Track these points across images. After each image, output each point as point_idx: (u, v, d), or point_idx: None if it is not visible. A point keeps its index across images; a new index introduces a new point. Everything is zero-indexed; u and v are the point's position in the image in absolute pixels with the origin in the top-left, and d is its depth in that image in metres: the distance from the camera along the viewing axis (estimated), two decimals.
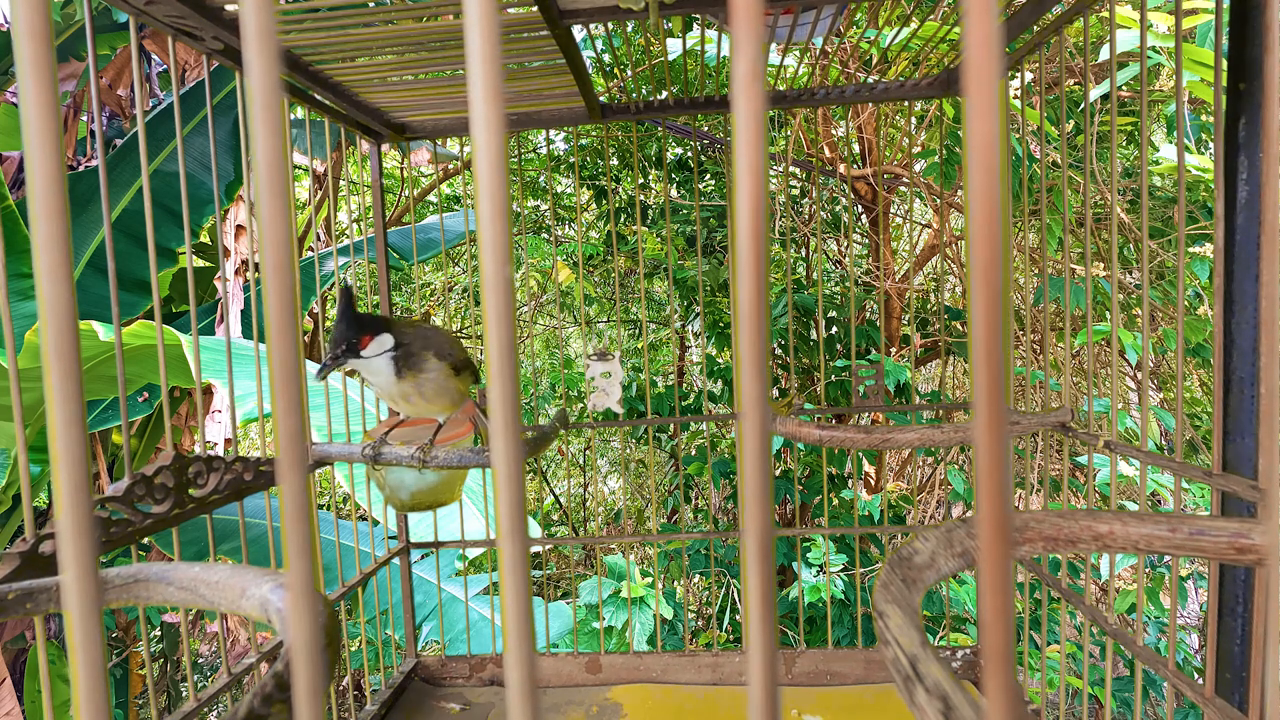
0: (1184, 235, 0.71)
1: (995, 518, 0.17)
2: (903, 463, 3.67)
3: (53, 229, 0.17)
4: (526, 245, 3.23)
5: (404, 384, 0.95)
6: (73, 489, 0.18)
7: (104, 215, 0.72)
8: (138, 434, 2.71)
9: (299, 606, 0.17)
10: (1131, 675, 2.11)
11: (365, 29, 0.91)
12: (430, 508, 1.11)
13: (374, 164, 1.31)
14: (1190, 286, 2.66)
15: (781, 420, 1.03)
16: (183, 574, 0.45)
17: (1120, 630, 0.86)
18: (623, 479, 4.60)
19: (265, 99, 0.16)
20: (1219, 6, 0.69)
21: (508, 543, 0.17)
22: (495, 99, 0.17)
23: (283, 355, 0.17)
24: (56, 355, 0.17)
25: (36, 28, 0.17)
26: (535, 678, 0.17)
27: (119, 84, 2.84)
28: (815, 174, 2.95)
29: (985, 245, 0.16)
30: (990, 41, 0.16)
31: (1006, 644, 0.17)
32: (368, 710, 1.19)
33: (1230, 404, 0.72)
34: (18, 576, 0.62)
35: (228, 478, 0.86)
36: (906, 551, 0.36)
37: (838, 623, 2.43)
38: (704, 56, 1.18)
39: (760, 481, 0.17)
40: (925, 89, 1.22)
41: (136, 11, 0.76)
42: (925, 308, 3.07)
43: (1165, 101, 2.61)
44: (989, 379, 0.17)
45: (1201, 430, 2.75)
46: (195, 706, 0.79)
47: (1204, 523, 0.41)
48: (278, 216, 0.17)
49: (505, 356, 0.17)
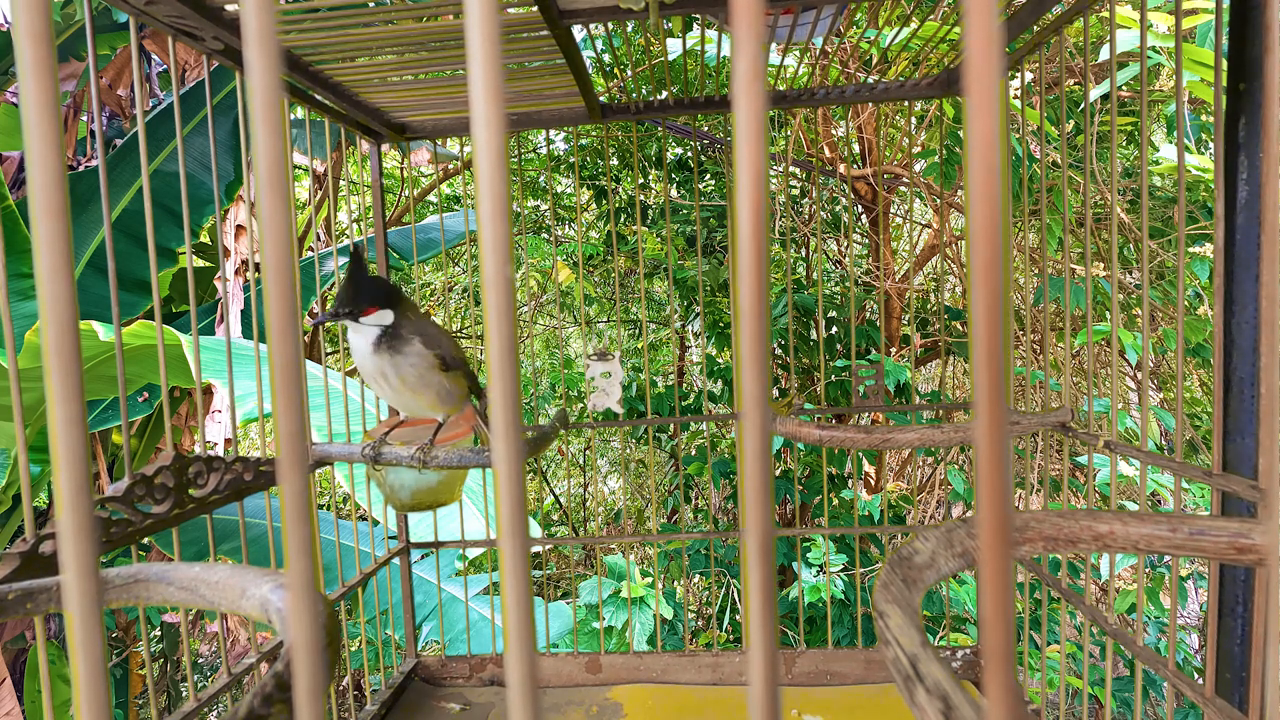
0: (1184, 235, 0.71)
1: (996, 517, 0.17)
2: (903, 463, 3.67)
3: (53, 229, 0.17)
4: (526, 245, 3.23)
5: (379, 359, 0.95)
6: (73, 489, 0.18)
7: (104, 215, 0.72)
8: (138, 434, 2.71)
9: (299, 606, 0.17)
10: (1131, 675, 2.11)
11: (365, 29, 0.91)
12: (430, 508, 1.11)
13: (374, 164, 1.31)
14: (1190, 286, 2.66)
15: (781, 420, 1.03)
16: (183, 574, 0.45)
17: (1120, 630, 0.86)
18: (623, 479, 4.60)
19: (266, 99, 0.16)
20: (1219, 6, 0.69)
21: (508, 542, 0.17)
22: (496, 98, 0.17)
23: (283, 355, 0.17)
24: (57, 355, 0.17)
25: (37, 28, 0.17)
26: (536, 677, 0.17)
27: (119, 84, 2.84)
28: (815, 174, 2.96)
29: (986, 245, 0.16)
30: (991, 41, 0.16)
31: (1007, 643, 0.17)
32: (368, 710, 1.19)
33: (1230, 404, 0.72)
34: (18, 576, 0.62)
35: (228, 478, 0.86)
36: (907, 551, 0.36)
37: (838, 623, 2.43)
38: (704, 56, 1.18)
39: (761, 481, 0.17)
40: (925, 89, 1.22)
41: (136, 11, 0.76)
42: (925, 308, 3.07)
43: (1165, 101, 2.61)
44: (989, 379, 0.17)
45: (1201, 430, 2.75)
46: (195, 706, 0.79)
47: (1204, 523, 0.41)
48: (278, 216, 0.17)
49: (506, 356, 0.17)
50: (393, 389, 0.97)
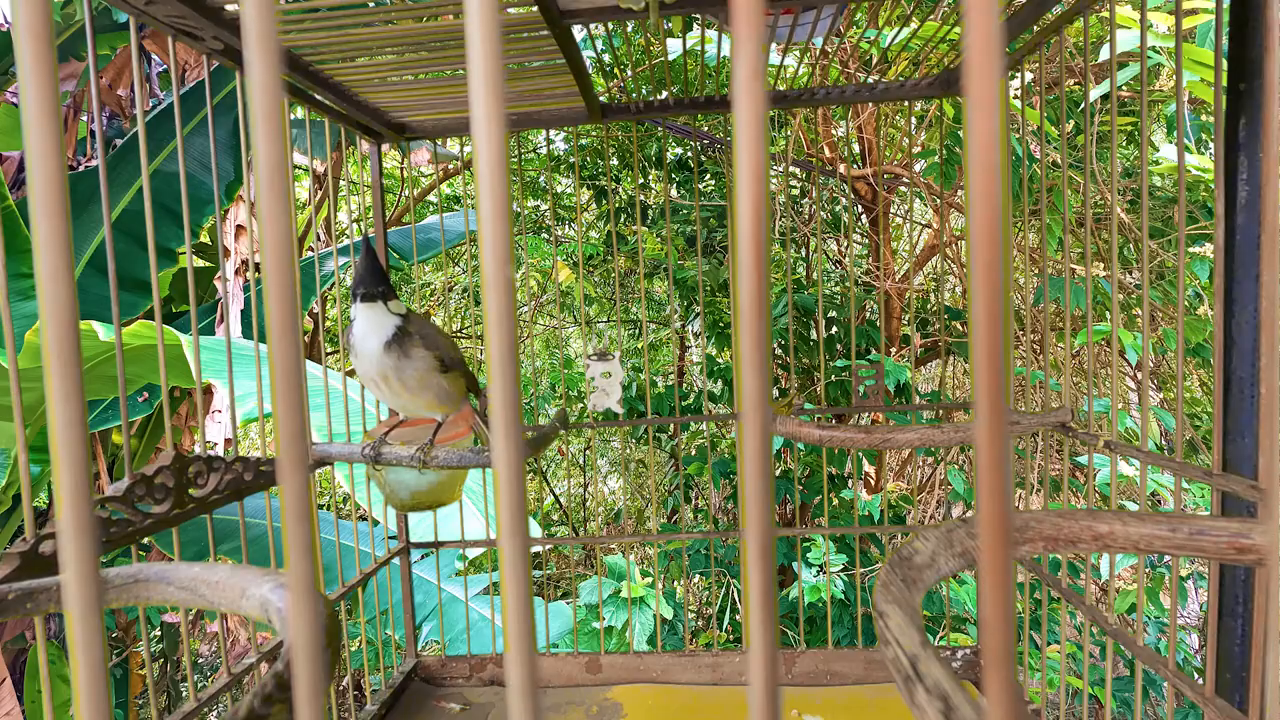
0: (1184, 235, 0.71)
1: (996, 517, 0.17)
2: (903, 463, 3.67)
3: (54, 229, 0.17)
4: (526, 245, 3.23)
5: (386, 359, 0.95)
6: (74, 489, 0.18)
7: (104, 215, 0.72)
8: (138, 434, 2.71)
9: (300, 606, 0.17)
10: (1131, 675, 2.11)
11: (365, 29, 0.91)
12: (430, 508, 1.11)
13: (374, 164, 1.31)
14: (1190, 286, 2.66)
15: (781, 420, 1.03)
16: (183, 574, 0.45)
17: (1120, 630, 0.86)
18: (623, 479, 4.60)
19: (266, 100, 0.16)
20: (1219, 6, 0.69)
21: (509, 542, 0.17)
22: (496, 98, 0.17)
23: (284, 356, 0.17)
24: (58, 354, 0.17)
25: (38, 28, 0.17)
26: (536, 677, 0.17)
27: (119, 84, 2.84)
28: (815, 174, 2.95)
29: (986, 245, 0.16)
30: (991, 40, 0.16)
31: (1007, 643, 0.17)
32: (368, 710, 1.19)
33: (1230, 404, 0.72)
34: (18, 576, 0.62)
35: (228, 478, 0.86)
36: (907, 551, 0.36)
37: (838, 623, 2.43)
38: (704, 56, 1.18)
39: (761, 481, 0.17)
40: (925, 89, 1.22)
41: (136, 11, 0.76)
42: (925, 308, 3.07)
43: (1165, 101, 2.61)
44: (990, 379, 0.17)
45: (1201, 430, 2.75)
46: (195, 706, 0.79)
47: (1204, 522, 0.41)
48: (279, 217, 0.17)
49: (506, 356, 0.17)
50: (393, 391, 0.97)
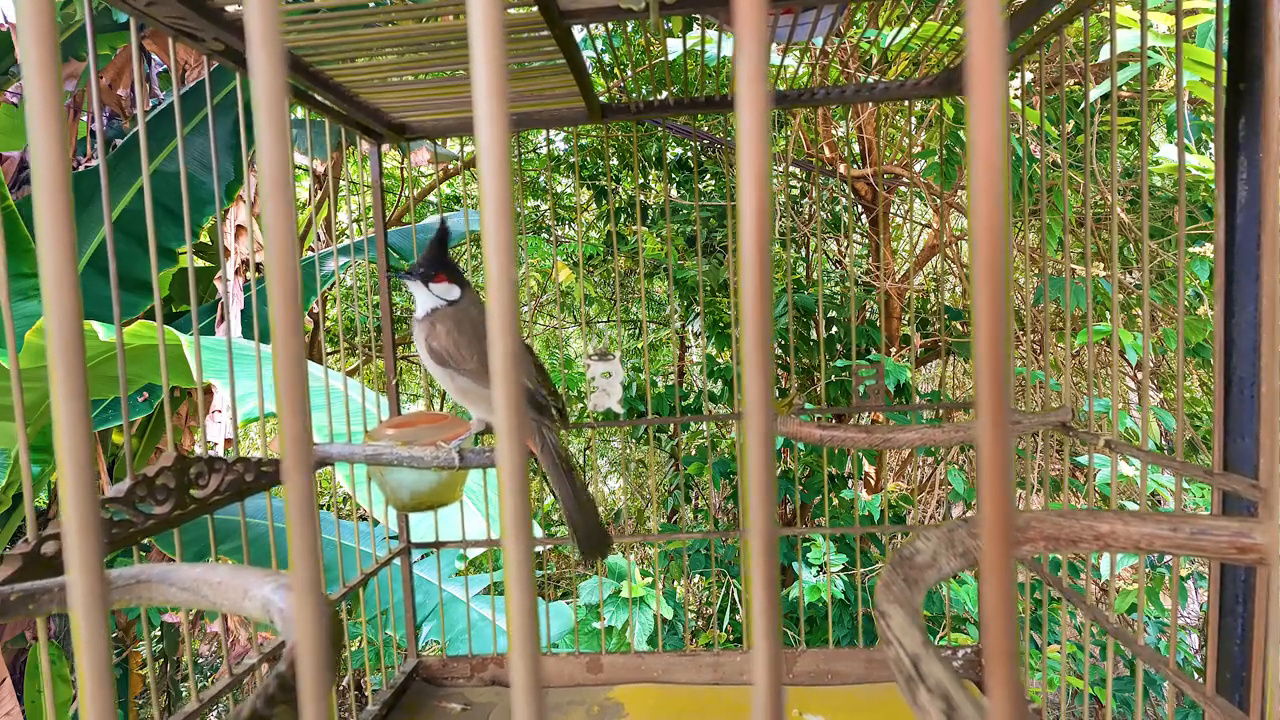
0: (1184, 235, 0.71)
1: (998, 517, 0.17)
2: (903, 463, 3.67)
3: (57, 229, 0.17)
4: (527, 245, 3.23)
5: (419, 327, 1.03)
6: (78, 489, 0.18)
7: (104, 215, 0.72)
8: (138, 434, 2.71)
9: (304, 607, 0.17)
10: (1132, 675, 2.11)
11: (366, 30, 0.91)
12: (431, 508, 1.11)
13: (374, 164, 1.31)
14: (1190, 286, 2.66)
15: (782, 420, 1.03)
16: (185, 575, 0.45)
17: (1121, 630, 0.86)
18: (623, 479, 4.60)
19: (270, 102, 0.16)
20: (1219, 6, 0.69)
21: (512, 543, 0.17)
22: (499, 98, 0.17)
23: (287, 357, 0.17)
24: (61, 353, 0.17)
25: (42, 29, 0.17)
26: (540, 677, 0.17)
27: (119, 84, 2.84)
28: (815, 174, 2.95)
29: (988, 245, 0.16)
30: (993, 40, 0.16)
31: (1009, 642, 0.17)
32: (369, 710, 1.19)
33: (1230, 404, 0.72)
34: (20, 578, 0.62)
35: (229, 478, 0.86)
36: (908, 551, 0.36)
37: (838, 623, 2.43)
38: (704, 56, 1.18)
39: (764, 481, 0.17)
40: (925, 89, 1.22)
41: (136, 12, 0.75)
42: (925, 308, 3.07)
43: (1165, 101, 2.61)
44: (991, 378, 0.17)
45: (1201, 430, 2.75)
46: (197, 707, 0.79)
47: (1205, 522, 0.41)
48: (282, 218, 0.17)
49: (509, 357, 0.17)
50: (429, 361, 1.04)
